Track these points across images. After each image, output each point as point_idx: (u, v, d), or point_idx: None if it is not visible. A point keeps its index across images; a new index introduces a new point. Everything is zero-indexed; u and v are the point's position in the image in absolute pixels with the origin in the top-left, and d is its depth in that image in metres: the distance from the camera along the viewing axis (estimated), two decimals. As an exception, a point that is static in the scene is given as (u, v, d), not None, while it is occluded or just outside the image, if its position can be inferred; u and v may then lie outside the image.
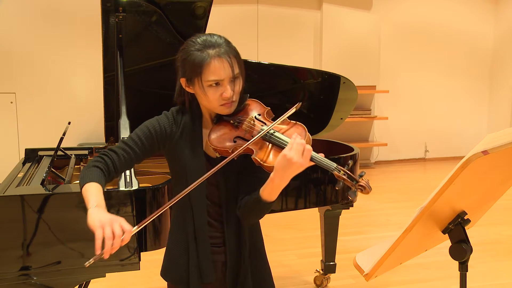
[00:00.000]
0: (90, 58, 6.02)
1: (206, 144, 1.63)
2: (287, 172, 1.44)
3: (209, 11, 2.82)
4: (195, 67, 1.53)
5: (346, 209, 3.16)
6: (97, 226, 1.36)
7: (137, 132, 1.63)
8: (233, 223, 1.65)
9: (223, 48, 1.54)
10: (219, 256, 1.67)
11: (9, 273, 1.94)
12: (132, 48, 2.78)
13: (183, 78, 1.59)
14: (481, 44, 8.24)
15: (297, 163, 1.42)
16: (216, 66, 1.52)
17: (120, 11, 2.59)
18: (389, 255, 1.38)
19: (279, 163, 1.44)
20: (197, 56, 1.52)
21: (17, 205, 1.94)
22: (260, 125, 1.59)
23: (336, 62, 7.21)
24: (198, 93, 1.58)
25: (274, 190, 1.49)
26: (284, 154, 1.43)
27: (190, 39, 1.59)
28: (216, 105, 1.57)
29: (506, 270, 3.80)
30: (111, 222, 1.37)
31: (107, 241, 1.34)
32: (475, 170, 1.24)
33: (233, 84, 1.56)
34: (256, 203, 1.54)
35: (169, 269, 1.73)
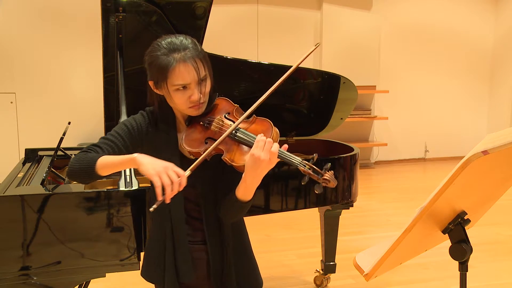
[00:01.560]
0: (90, 58, 6.03)
1: (180, 145, 1.62)
2: (257, 171, 1.45)
3: (209, 11, 2.82)
4: (161, 71, 1.52)
5: (346, 209, 3.16)
6: (153, 174, 1.38)
7: (116, 130, 1.62)
8: (212, 221, 1.64)
9: (189, 52, 1.53)
10: (200, 253, 1.66)
11: (9, 273, 1.94)
12: (132, 48, 2.78)
13: (151, 81, 1.59)
14: (481, 44, 8.24)
15: (265, 160, 1.43)
16: (182, 70, 1.51)
17: (120, 11, 2.59)
18: (389, 255, 1.38)
19: (248, 163, 1.45)
20: (163, 61, 1.52)
21: (17, 205, 1.94)
22: (229, 123, 1.58)
23: (336, 62, 7.21)
24: (166, 95, 1.58)
25: (248, 190, 1.50)
26: (252, 153, 1.44)
27: (156, 41, 1.59)
28: (184, 107, 1.57)
29: (506, 270, 3.80)
30: (165, 169, 1.39)
31: (167, 188, 1.37)
32: (475, 170, 1.24)
33: (200, 86, 1.54)
34: (233, 203, 1.55)
35: (148, 268, 1.72)
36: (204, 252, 1.66)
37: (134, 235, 2.05)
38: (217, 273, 1.66)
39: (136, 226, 2.06)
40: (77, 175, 1.53)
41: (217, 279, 1.66)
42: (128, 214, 2.04)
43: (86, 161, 1.51)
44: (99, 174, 1.51)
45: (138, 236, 2.07)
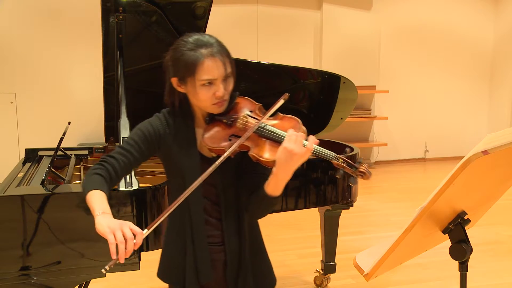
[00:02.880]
0: (90, 58, 6.03)
1: (200, 144, 1.63)
2: (289, 165, 1.43)
3: (209, 11, 2.82)
4: (188, 66, 1.52)
5: (346, 209, 3.16)
6: (107, 232, 1.36)
7: (131, 136, 1.62)
8: (232, 221, 1.64)
9: (215, 48, 1.53)
10: (219, 255, 1.66)
11: (9, 273, 1.94)
12: (132, 48, 2.78)
13: (175, 78, 1.59)
14: (481, 44, 8.24)
15: (298, 154, 1.42)
16: (210, 65, 1.51)
17: (120, 11, 2.59)
18: (389, 255, 1.38)
19: (280, 156, 1.44)
20: (190, 56, 1.52)
21: (17, 205, 1.94)
22: (254, 121, 1.58)
23: (336, 62, 7.21)
24: (190, 92, 1.58)
25: (278, 184, 1.49)
26: (285, 146, 1.43)
27: (181, 38, 1.58)
28: (208, 104, 1.56)
29: (506, 270, 3.80)
30: (120, 226, 1.37)
31: (120, 245, 1.34)
32: (475, 170, 1.24)
33: (225, 83, 1.56)
34: (262, 199, 1.53)
35: (166, 270, 1.72)
36: (222, 253, 1.66)
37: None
38: (233, 274, 1.66)
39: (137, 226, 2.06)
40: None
41: (232, 280, 1.66)
42: (128, 214, 2.04)
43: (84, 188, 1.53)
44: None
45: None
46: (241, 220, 1.65)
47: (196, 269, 1.63)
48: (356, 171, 1.45)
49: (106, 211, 1.44)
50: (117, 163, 1.58)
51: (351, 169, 1.46)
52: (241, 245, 1.65)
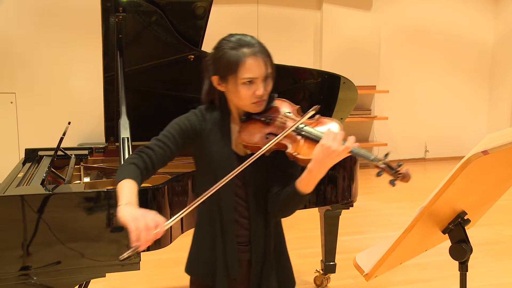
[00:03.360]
0: (90, 58, 6.02)
1: (235, 142, 1.66)
2: (326, 162, 1.47)
3: (209, 11, 2.82)
4: (230, 64, 1.56)
5: (346, 209, 3.16)
6: (129, 219, 1.36)
7: (168, 129, 1.64)
8: (260, 221, 1.68)
9: (257, 47, 1.59)
10: (244, 254, 1.69)
11: (9, 273, 1.93)
12: (132, 48, 2.78)
13: (216, 76, 1.62)
14: (481, 44, 8.24)
15: (336, 151, 1.45)
16: (252, 64, 1.56)
17: (120, 11, 2.59)
18: (389, 255, 1.38)
19: (317, 153, 1.47)
20: (233, 55, 1.56)
21: (17, 205, 1.94)
22: (292, 121, 1.61)
23: (336, 62, 7.20)
24: (230, 90, 1.61)
25: (311, 182, 1.52)
26: (323, 143, 1.47)
27: (224, 38, 1.63)
28: (248, 102, 1.60)
29: (506, 270, 3.80)
30: (143, 215, 1.37)
31: (141, 233, 1.34)
32: (475, 170, 1.24)
33: (265, 83, 1.60)
34: (292, 196, 1.56)
35: (195, 264, 1.75)
36: (247, 253, 1.69)
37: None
38: (257, 273, 1.69)
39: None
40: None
41: (256, 279, 1.69)
42: (128, 214, 2.04)
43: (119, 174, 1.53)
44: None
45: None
46: (268, 220, 1.69)
47: (226, 265, 1.66)
48: (396, 173, 1.46)
49: (131, 202, 1.44)
50: (154, 154, 1.59)
51: (391, 171, 1.47)
52: (266, 245, 1.69)
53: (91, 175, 2.77)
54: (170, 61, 2.92)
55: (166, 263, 3.70)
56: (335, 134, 1.47)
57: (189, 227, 2.39)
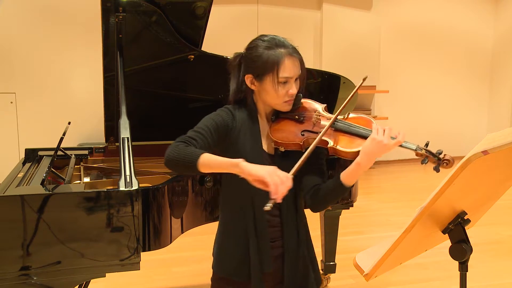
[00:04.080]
0: (90, 58, 6.02)
1: (267, 140, 1.71)
2: (375, 154, 1.55)
3: (209, 11, 2.82)
4: (270, 64, 1.62)
5: (346, 209, 3.16)
6: (265, 174, 1.43)
7: (205, 123, 1.66)
8: (290, 218, 1.73)
9: (291, 48, 1.67)
10: (275, 250, 1.73)
11: (9, 273, 1.93)
12: (132, 48, 2.78)
13: (250, 75, 1.66)
14: (481, 44, 8.23)
15: (387, 145, 1.53)
16: (289, 64, 1.64)
17: (120, 11, 2.59)
18: (389, 255, 1.38)
19: (367, 147, 1.55)
20: (271, 54, 1.63)
21: (17, 205, 1.94)
22: (325, 118, 1.69)
23: (336, 62, 7.20)
24: (266, 89, 1.65)
25: (357, 174, 1.59)
26: (374, 137, 1.54)
27: (258, 38, 1.71)
28: (280, 101, 1.66)
29: (506, 270, 3.80)
30: (275, 170, 1.46)
31: (280, 186, 1.43)
32: (475, 170, 1.24)
33: (297, 82, 1.67)
34: (336, 188, 1.62)
35: (227, 264, 1.77)
36: (278, 249, 1.73)
37: (134, 235, 2.04)
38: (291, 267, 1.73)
39: (139, 225, 2.06)
40: (177, 165, 1.56)
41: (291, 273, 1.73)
42: (128, 214, 2.04)
43: (189, 154, 1.54)
44: (199, 170, 1.54)
45: (142, 236, 2.07)
46: (298, 217, 1.75)
47: (260, 261, 1.70)
48: (440, 160, 1.55)
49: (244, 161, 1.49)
50: (197, 144, 1.61)
51: (434, 159, 1.56)
52: (299, 240, 1.74)
53: (91, 175, 2.77)
54: (170, 61, 2.92)
55: (166, 263, 3.70)
56: (385, 129, 1.55)
57: (189, 227, 2.39)
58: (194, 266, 3.67)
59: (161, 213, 2.16)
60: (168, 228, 2.20)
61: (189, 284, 3.37)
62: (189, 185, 2.37)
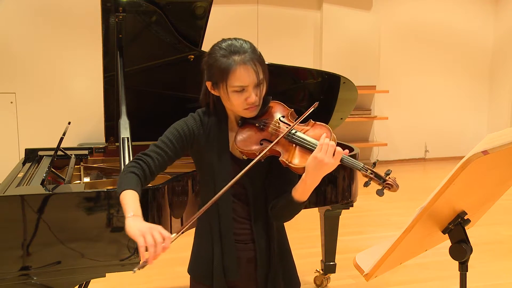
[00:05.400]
0: (90, 58, 6.02)
1: (232, 145, 1.67)
2: (318, 173, 1.48)
3: (209, 11, 2.82)
4: (220, 72, 1.56)
5: (346, 209, 3.16)
6: (138, 234, 1.37)
7: (167, 135, 1.65)
8: (261, 221, 1.69)
9: (248, 55, 1.57)
10: (246, 252, 1.70)
11: (9, 273, 1.94)
12: (132, 48, 2.78)
13: (209, 82, 1.63)
14: (481, 44, 8.23)
15: (328, 164, 1.47)
16: (242, 73, 1.55)
17: (120, 11, 2.59)
18: (389, 255, 1.38)
19: (310, 165, 1.48)
20: (223, 62, 1.56)
21: (17, 205, 1.94)
22: (285, 127, 1.62)
23: (336, 62, 7.20)
24: (222, 97, 1.62)
25: (306, 191, 1.53)
26: (315, 156, 1.47)
27: (216, 44, 1.63)
28: (240, 109, 1.61)
29: (506, 270, 3.80)
30: (150, 230, 1.37)
31: (150, 248, 1.35)
32: (475, 170, 1.24)
33: (257, 89, 1.59)
34: (288, 204, 1.58)
35: (195, 265, 1.76)
36: (252, 251, 1.70)
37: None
38: (263, 272, 1.70)
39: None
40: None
41: (263, 278, 1.70)
42: (128, 214, 2.03)
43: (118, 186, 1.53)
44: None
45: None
46: (270, 220, 1.70)
47: (223, 267, 1.66)
48: (384, 183, 1.47)
49: (137, 213, 1.44)
50: (153, 161, 1.60)
51: (379, 181, 1.48)
52: (270, 244, 1.70)
53: (91, 175, 2.77)
54: (170, 61, 2.92)
55: (166, 263, 3.70)
56: (327, 147, 1.47)
57: (189, 227, 2.38)
58: (194, 266, 3.65)
59: (161, 213, 2.16)
60: (168, 228, 2.20)
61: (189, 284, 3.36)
62: (189, 185, 2.37)
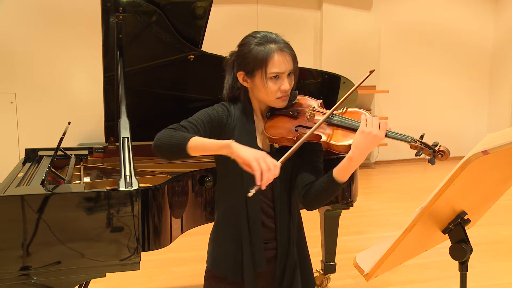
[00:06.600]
0: (90, 58, 6.03)
1: (260, 138, 1.70)
2: (367, 147, 1.52)
3: (209, 11, 2.82)
4: (259, 60, 1.60)
5: (346, 209, 3.16)
6: (252, 159, 1.42)
7: (198, 116, 1.66)
8: (284, 218, 1.72)
9: (283, 44, 1.63)
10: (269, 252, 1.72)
11: (9, 273, 1.93)
12: (132, 48, 2.78)
13: (242, 72, 1.65)
14: (481, 44, 8.24)
15: (377, 136, 1.51)
16: (280, 59, 1.61)
17: (120, 11, 2.59)
18: (389, 255, 1.38)
19: (358, 140, 1.51)
20: (261, 50, 1.61)
21: (17, 205, 1.94)
22: (320, 114, 1.66)
23: (336, 62, 7.21)
24: (257, 85, 1.64)
25: (350, 169, 1.55)
26: (363, 130, 1.51)
27: (250, 35, 1.67)
28: (273, 97, 1.64)
29: (506, 270, 3.80)
30: (263, 156, 1.43)
31: (265, 173, 1.40)
32: (475, 170, 1.24)
33: (290, 78, 1.64)
34: (329, 185, 1.59)
35: (220, 263, 1.76)
36: (271, 251, 1.73)
37: (134, 235, 2.04)
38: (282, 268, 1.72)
39: (139, 225, 2.06)
40: (165, 149, 1.56)
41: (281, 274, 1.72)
42: (128, 214, 2.04)
43: (178, 137, 1.54)
44: (188, 153, 1.53)
45: (142, 236, 2.07)
46: (292, 217, 1.73)
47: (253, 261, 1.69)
48: (435, 152, 1.52)
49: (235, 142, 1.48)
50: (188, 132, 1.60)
51: (429, 150, 1.53)
52: (290, 240, 1.73)
53: (91, 175, 2.77)
54: (170, 61, 2.92)
55: (166, 263, 3.70)
56: (371, 119, 1.51)
57: (189, 227, 2.39)
58: (194, 266, 3.66)
59: (161, 213, 2.16)
60: (168, 228, 2.20)
61: (189, 284, 3.37)
62: (189, 185, 2.37)
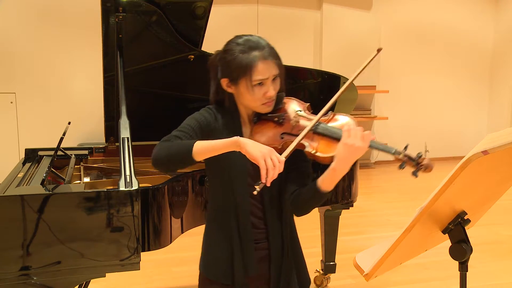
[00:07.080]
0: (90, 58, 6.03)
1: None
2: (349, 159, 1.49)
3: (209, 11, 2.82)
4: (242, 68, 1.59)
5: (346, 209, 3.16)
6: (259, 156, 1.43)
7: (187, 123, 1.65)
8: (274, 219, 1.70)
9: (267, 50, 1.61)
10: (258, 252, 1.71)
11: (9, 273, 1.93)
12: (132, 48, 2.78)
13: (225, 79, 1.64)
14: (481, 44, 8.24)
15: (360, 148, 1.47)
16: (264, 66, 1.59)
17: (120, 11, 2.59)
18: (389, 255, 1.38)
19: (341, 152, 1.49)
20: (244, 58, 1.59)
21: (17, 205, 1.94)
22: (306, 119, 1.62)
23: (336, 62, 7.20)
24: (242, 92, 1.63)
25: (334, 180, 1.53)
26: (345, 142, 1.48)
27: (231, 41, 1.66)
28: (258, 104, 1.63)
29: (506, 270, 3.80)
30: (270, 153, 1.44)
31: (270, 171, 1.42)
32: (475, 170, 1.24)
33: (274, 83, 1.62)
34: (313, 194, 1.58)
35: (212, 266, 1.76)
36: (264, 250, 1.72)
37: (134, 235, 2.04)
38: (277, 269, 1.72)
39: (139, 225, 2.06)
40: (168, 161, 1.56)
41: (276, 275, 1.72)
42: (128, 214, 2.04)
43: (179, 146, 1.54)
44: (194, 159, 1.53)
45: (142, 236, 2.07)
46: (283, 218, 1.72)
47: (244, 265, 1.68)
48: (418, 165, 1.48)
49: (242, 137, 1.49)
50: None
51: (413, 163, 1.49)
52: (283, 242, 1.72)
53: (91, 175, 2.77)
54: (170, 61, 2.92)
55: (166, 263, 3.70)
56: (355, 131, 1.48)
57: (189, 227, 2.39)
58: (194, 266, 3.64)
59: (161, 213, 2.16)
60: (168, 228, 2.20)
61: (189, 284, 3.37)
62: (189, 185, 2.37)
